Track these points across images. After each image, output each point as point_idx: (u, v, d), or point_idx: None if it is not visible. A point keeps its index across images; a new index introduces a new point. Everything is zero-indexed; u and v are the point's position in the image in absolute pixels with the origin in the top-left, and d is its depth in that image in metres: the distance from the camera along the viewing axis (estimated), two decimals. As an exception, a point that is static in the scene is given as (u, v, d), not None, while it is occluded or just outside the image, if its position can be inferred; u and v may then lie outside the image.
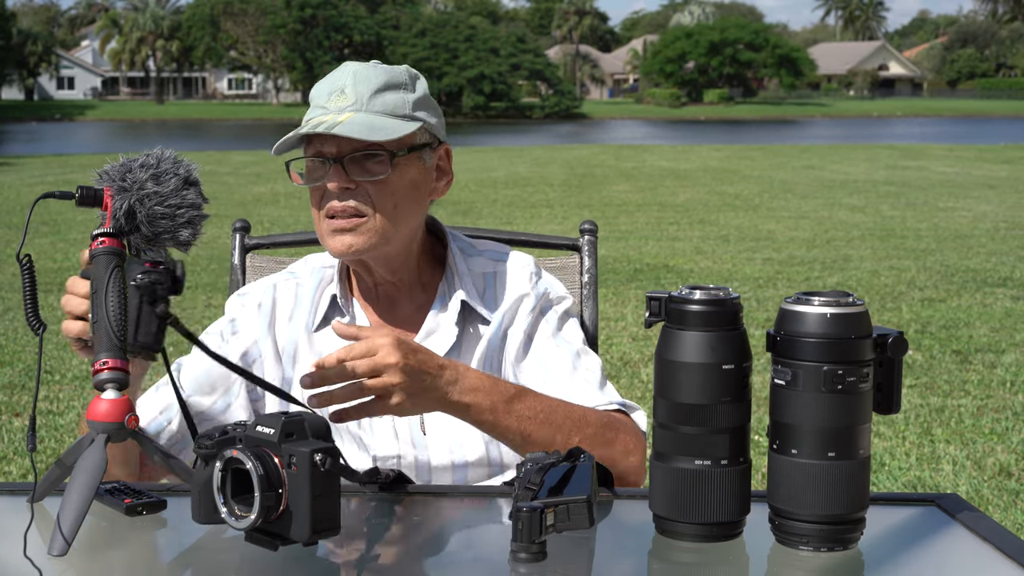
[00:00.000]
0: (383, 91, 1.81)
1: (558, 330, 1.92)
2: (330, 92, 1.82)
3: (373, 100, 1.80)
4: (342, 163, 1.78)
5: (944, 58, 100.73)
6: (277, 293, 1.96)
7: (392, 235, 1.83)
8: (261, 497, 1.26)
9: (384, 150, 1.79)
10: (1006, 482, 4.49)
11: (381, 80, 1.82)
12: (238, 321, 1.93)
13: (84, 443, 1.38)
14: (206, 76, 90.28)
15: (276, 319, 1.93)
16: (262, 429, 1.29)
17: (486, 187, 17.90)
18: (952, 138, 36.16)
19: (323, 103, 1.82)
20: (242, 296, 1.98)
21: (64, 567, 1.29)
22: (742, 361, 1.31)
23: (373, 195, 1.80)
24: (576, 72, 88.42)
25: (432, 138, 1.87)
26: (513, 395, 1.69)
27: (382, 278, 1.90)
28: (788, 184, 18.39)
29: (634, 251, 10.87)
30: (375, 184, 1.79)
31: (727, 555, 1.33)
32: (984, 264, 9.96)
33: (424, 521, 1.53)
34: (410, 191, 1.83)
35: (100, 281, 1.41)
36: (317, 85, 1.86)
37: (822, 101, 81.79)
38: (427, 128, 1.85)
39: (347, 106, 1.79)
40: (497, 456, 1.86)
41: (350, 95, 1.80)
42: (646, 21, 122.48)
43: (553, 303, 1.95)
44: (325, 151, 1.79)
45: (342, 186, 1.78)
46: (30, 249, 6.26)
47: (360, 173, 1.79)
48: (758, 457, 1.47)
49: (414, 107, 1.84)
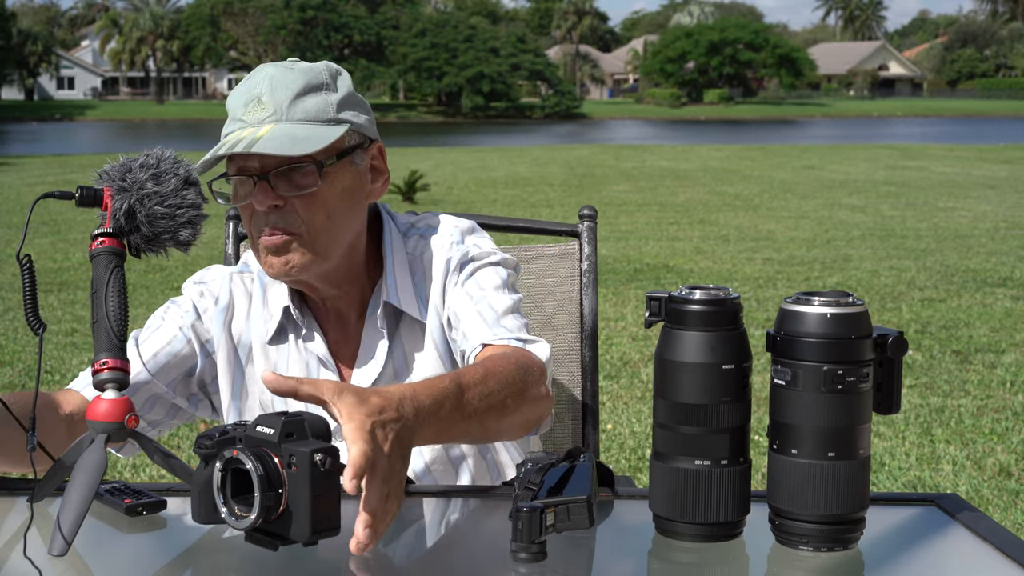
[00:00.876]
0: (303, 95, 1.69)
1: (469, 277, 1.79)
2: (246, 103, 1.69)
3: (293, 107, 1.68)
4: (267, 179, 1.66)
5: (944, 58, 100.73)
6: (233, 287, 1.86)
7: (330, 250, 1.72)
8: (261, 497, 1.25)
9: (311, 161, 1.66)
10: (1006, 482, 4.49)
11: (299, 84, 1.69)
12: (198, 307, 1.84)
13: (84, 443, 1.38)
14: (206, 76, 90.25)
15: (233, 317, 1.85)
16: (262, 429, 1.28)
17: (486, 187, 17.89)
18: (952, 138, 36.16)
19: (240, 115, 1.69)
20: (199, 284, 1.87)
21: (64, 567, 1.29)
22: (742, 361, 1.31)
23: (303, 210, 1.68)
24: (576, 72, 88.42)
25: (362, 138, 1.75)
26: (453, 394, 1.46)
27: (327, 293, 1.80)
28: (788, 184, 18.39)
29: (634, 251, 10.87)
30: (304, 199, 1.67)
31: (727, 555, 1.33)
32: (984, 264, 9.96)
33: (424, 521, 1.53)
34: (344, 200, 1.72)
35: (100, 281, 1.41)
36: (233, 93, 1.73)
37: (822, 101, 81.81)
38: (355, 129, 1.73)
39: (266, 117, 1.67)
40: (458, 454, 1.82)
41: (268, 104, 1.67)
42: (646, 21, 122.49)
43: (474, 259, 1.81)
44: (248, 166, 1.67)
45: (270, 204, 1.66)
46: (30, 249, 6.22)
47: (288, 188, 1.66)
48: (758, 457, 1.47)
49: (338, 108, 1.71)
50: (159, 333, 1.81)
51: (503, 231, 2.26)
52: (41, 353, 1.40)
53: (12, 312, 7.70)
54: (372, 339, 1.80)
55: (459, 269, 1.80)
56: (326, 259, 1.72)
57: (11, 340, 6.88)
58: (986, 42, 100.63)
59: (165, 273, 9.28)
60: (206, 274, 1.89)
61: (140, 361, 1.78)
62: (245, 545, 1.32)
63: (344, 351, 1.83)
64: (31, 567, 1.27)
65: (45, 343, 6.88)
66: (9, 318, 7.53)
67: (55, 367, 6.17)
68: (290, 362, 1.82)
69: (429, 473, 1.81)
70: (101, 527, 1.43)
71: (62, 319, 7.49)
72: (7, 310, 7.81)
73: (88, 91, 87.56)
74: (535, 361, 1.65)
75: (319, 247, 1.70)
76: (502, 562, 1.29)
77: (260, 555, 1.33)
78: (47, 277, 9.11)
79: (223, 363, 1.83)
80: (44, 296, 8.22)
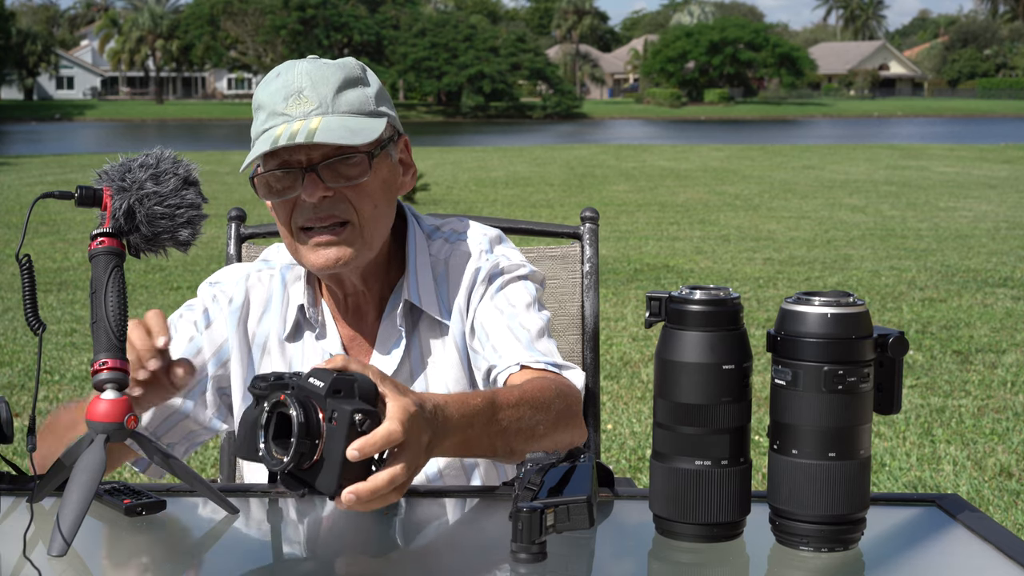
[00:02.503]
0: (343, 89, 1.70)
1: (499, 291, 1.81)
2: (286, 97, 1.68)
3: (337, 100, 1.68)
4: (316, 171, 1.67)
5: (944, 58, 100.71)
6: (250, 285, 1.86)
7: (375, 240, 1.74)
8: (297, 443, 1.27)
9: (361, 152, 1.68)
10: (1006, 482, 4.49)
11: (339, 77, 1.70)
12: (211, 312, 1.85)
13: (83, 443, 1.38)
14: (206, 76, 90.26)
15: (248, 316, 1.85)
16: (313, 381, 1.30)
17: (486, 187, 17.89)
18: (952, 138, 36.16)
19: (280, 110, 1.68)
20: (214, 285, 1.88)
21: (64, 567, 1.29)
22: (742, 361, 1.31)
23: (354, 200, 1.69)
24: (576, 72, 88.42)
25: (393, 131, 1.78)
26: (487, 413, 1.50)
27: (353, 288, 1.81)
28: (788, 184, 18.39)
29: (634, 251, 10.87)
30: (354, 189, 1.69)
31: (727, 555, 1.33)
32: (985, 264, 9.96)
33: (424, 521, 1.52)
34: (385, 191, 1.74)
35: (99, 281, 1.41)
36: (265, 90, 1.72)
37: (822, 101, 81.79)
38: (390, 122, 1.75)
39: (311, 110, 1.67)
40: (471, 460, 1.82)
41: (311, 98, 1.67)
42: (646, 21, 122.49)
43: (504, 272, 1.83)
44: (294, 160, 1.68)
45: (320, 196, 1.67)
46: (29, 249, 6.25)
47: (335, 179, 1.68)
48: (758, 457, 1.47)
49: (376, 102, 1.73)
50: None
51: (505, 233, 2.25)
52: (40, 353, 1.40)
53: (12, 312, 7.70)
54: (389, 336, 1.82)
55: (488, 281, 1.82)
56: (371, 249, 1.75)
57: (11, 340, 6.88)
58: (987, 42, 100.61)
59: (165, 273, 9.28)
60: (222, 274, 1.90)
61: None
62: (245, 545, 1.32)
63: (359, 348, 1.84)
64: (31, 567, 1.27)
65: (45, 343, 6.88)
66: (9, 318, 7.53)
67: (55, 367, 6.16)
68: (305, 358, 1.83)
69: (441, 478, 1.82)
70: (101, 527, 1.43)
71: (62, 319, 7.49)
72: (7, 310, 7.81)
73: (87, 91, 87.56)
74: (573, 391, 1.67)
75: (366, 237, 1.72)
76: (502, 562, 1.29)
77: (260, 555, 1.32)
78: (47, 277, 9.11)
79: (236, 361, 1.84)
80: (44, 296, 8.22)
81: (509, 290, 1.81)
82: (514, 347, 1.73)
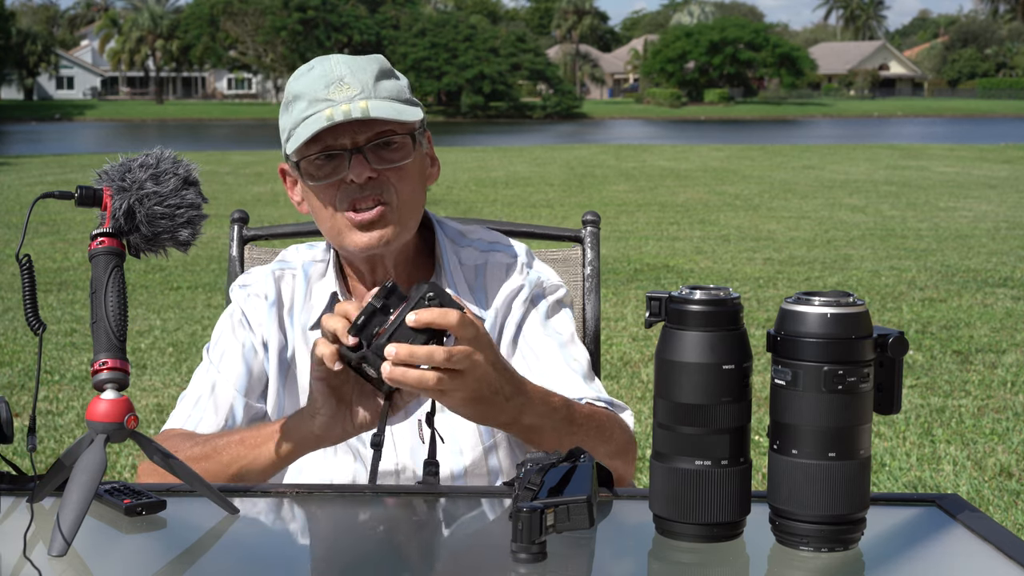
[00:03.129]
0: (381, 79, 1.76)
1: (547, 319, 1.88)
2: (327, 84, 1.73)
3: (378, 87, 1.74)
4: (363, 152, 1.73)
5: (944, 58, 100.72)
6: (281, 285, 1.92)
7: (411, 222, 1.81)
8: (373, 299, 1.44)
9: (406, 134, 1.76)
10: (1007, 482, 4.49)
11: (375, 67, 1.76)
12: (247, 312, 1.90)
13: (84, 443, 1.38)
14: (206, 76, 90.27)
15: (282, 309, 1.90)
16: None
17: (486, 187, 17.89)
18: (952, 138, 36.16)
19: (323, 96, 1.73)
20: (245, 287, 1.93)
21: (64, 567, 1.29)
22: (742, 361, 1.31)
23: (396, 182, 1.76)
24: (576, 72, 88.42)
25: (422, 124, 1.83)
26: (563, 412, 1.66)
27: (384, 275, 1.85)
28: (788, 184, 18.39)
29: (634, 251, 10.87)
30: (397, 171, 1.76)
31: (727, 555, 1.33)
32: (985, 264, 9.96)
33: (424, 521, 1.53)
34: (420, 176, 1.82)
35: (99, 281, 1.41)
36: (299, 81, 1.77)
37: (822, 101, 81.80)
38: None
39: (355, 95, 1.72)
40: (496, 465, 1.85)
41: (353, 84, 1.73)
42: (646, 21, 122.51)
43: (546, 292, 1.90)
44: (337, 144, 1.73)
45: (367, 176, 1.73)
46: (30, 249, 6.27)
47: (379, 162, 1.74)
48: (758, 457, 1.47)
49: (409, 92, 1.80)
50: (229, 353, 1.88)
51: (506, 236, 2.26)
52: (41, 353, 1.40)
53: (12, 312, 7.70)
54: None
55: (532, 302, 1.88)
56: (409, 232, 1.81)
57: (11, 340, 6.88)
58: (987, 42, 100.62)
59: (165, 273, 9.28)
60: (248, 276, 1.96)
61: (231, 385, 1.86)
62: (245, 545, 1.32)
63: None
64: (31, 567, 1.27)
65: (45, 343, 6.88)
66: (9, 318, 7.53)
67: (55, 367, 6.17)
68: None
69: (464, 476, 1.84)
70: (101, 527, 1.43)
71: (62, 319, 7.49)
72: (7, 310, 7.81)
73: (87, 91, 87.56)
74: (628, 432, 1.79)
75: (404, 218, 1.79)
76: (502, 562, 1.29)
77: (260, 556, 1.32)
78: (47, 277, 9.11)
79: (273, 353, 1.88)
80: (44, 296, 8.22)
81: (557, 320, 1.89)
82: (571, 379, 1.82)
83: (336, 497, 1.55)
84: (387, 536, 1.49)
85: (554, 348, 1.84)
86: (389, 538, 1.48)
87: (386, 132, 1.74)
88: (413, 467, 1.83)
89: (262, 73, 77.88)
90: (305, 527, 1.53)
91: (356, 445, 1.84)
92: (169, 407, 5.44)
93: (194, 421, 1.82)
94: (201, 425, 1.82)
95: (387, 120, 1.73)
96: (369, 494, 1.55)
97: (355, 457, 1.85)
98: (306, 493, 1.55)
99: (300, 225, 2.26)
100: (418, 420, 1.83)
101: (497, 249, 1.92)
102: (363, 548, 1.45)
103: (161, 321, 7.48)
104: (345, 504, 1.54)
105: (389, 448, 1.83)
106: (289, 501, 1.53)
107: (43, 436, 4.96)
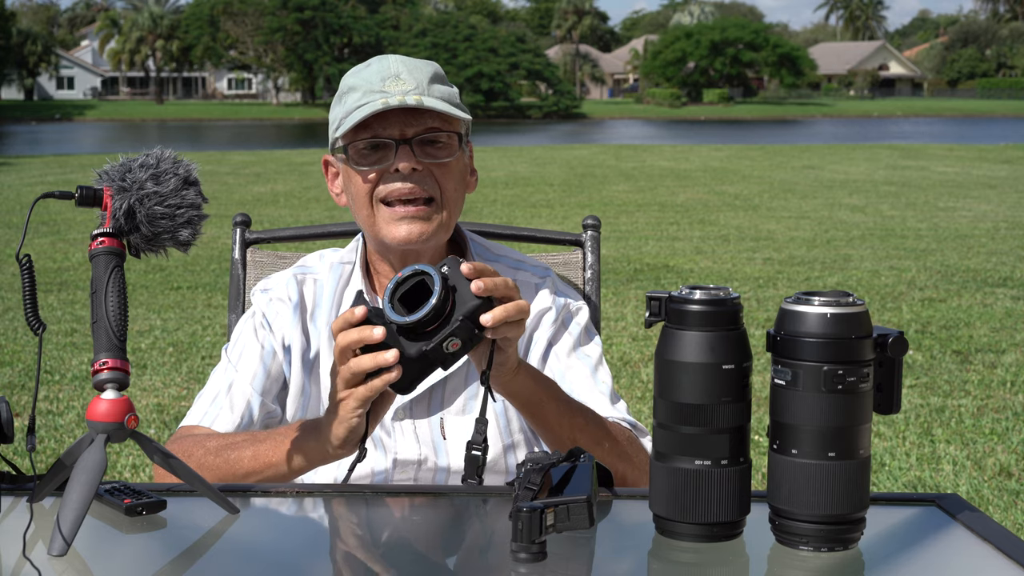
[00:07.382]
0: (435, 81, 1.80)
1: (579, 343, 1.92)
2: (384, 78, 1.77)
3: (431, 87, 1.78)
4: (410, 144, 1.76)
5: (944, 58, 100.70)
6: (300, 283, 1.93)
7: (452, 219, 1.83)
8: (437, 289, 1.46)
9: (453, 133, 1.78)
10: (1006, 482, 4.49)
11: (430, 70, 1.81)
12: (268, 316, 1.91)
13: (84, 443, 1.38)
14: (206, 76, 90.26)
15: (305, 312, 1.92)
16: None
17: (486, 187, 17.89)
18: (952, 138, 36.17)
19: (379, 88, 1.76)
20: (267, 292, 1.95)
21: (64, 567, 1.29)
22: (742, 361, 1.31)
23: (440, 177, 1.78)
24: (576, 72, 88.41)
25: (467, 130, 1.87)
26: (567, 398, 1.73)
27: None
28: (788, 184, 18.39)
29: (634, 251, 10.87)
30: (440, 167, 1.78)
31: (727, 555, 1.33)
32: (984, 264, 9.97)
33: (424, 521, 1.53)
34: (462, 178, 1.84)
35: (100, 281, 1.41)
36: (356, 75, 1.81)
37: (822, 101, 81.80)
38: (467, 123, 1.86)
39: (410, 90, 1.76)
40: (514, 463, 1.87)
41: (408, 80, 1.77)
42: (646, 21, 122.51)
43: (573, 315, 1.94)
44: (385, 135, 1.76)
45: (412, 167, 1.75)
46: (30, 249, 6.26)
47: (425, 156, 1.77)
48: (758, 457, 1.47)
49: (460, 98, 1.84)
50: (248, 353, 1.89)
51: (507, 240, 2.26)
52: (41, 353, 1.40)
53: (12, 312, 7.70)
54: None
55: (563, 324, 1.93)
56: (447, 231, 1.83)
57: (11, 340, 6.87)
58: (987, 42, 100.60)
59: (165, 273, 9.28)
60: (270, 281, 1.97)
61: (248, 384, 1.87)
62: (245, 545, 1.32)
63: None
64: (31, 567, 1.27)
65: (45, 343, 6.88)
66: (9, 318, 7.53)
67: (55, 367, 6.16)
68: None
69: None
70: (101, 527, 1.43)
71: (62, 319, 7.49)
72: (7, 310, 7.81)
73: (88, 91, 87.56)
74: (644, 453, 1.82)
75: (445, 216, 1.81)
76: (502, 562, 1.29)
77: (260, 556, 1.33)
78: (47, 277, 9.11)
79: (297, 355, 1.89)
80: (44, 296, 8.22)
81: (588, 345, 1.94)
82: (599, 400, 1.87)
83: (336, 496, 1.55)
84: (387, 535, 1.49)
85: (585, 370, 1.89)
86: (390, 537, 1.48)
87: (433, 128, 1.77)
88: (434, 460, 1.86)
89: (262, 73, 77.88)
90: (305, 527, 1.53)
91: (379, 435, 1.85)
92: (169, 407, 5.44)
93: (210, 418, 1.84)
94: (217, 423, 1.83)
95: (437, 114, 1.76)
96: (369, 494, 1.55)
97: (379, 447, 1.86)
98: (306, 493, 1.55)
99: (302, 228, 2.28)
100: (440, 418, 1.86)
101: (525, 268, 1.95)
102: (363, 547, 1.45)
103: (161, 321, 7.48)
104: (345, 504, 1.54)
105: (412, 441, 1.86)
106: (289, 501, 1.53)
107: (43, 436, 4.96)
